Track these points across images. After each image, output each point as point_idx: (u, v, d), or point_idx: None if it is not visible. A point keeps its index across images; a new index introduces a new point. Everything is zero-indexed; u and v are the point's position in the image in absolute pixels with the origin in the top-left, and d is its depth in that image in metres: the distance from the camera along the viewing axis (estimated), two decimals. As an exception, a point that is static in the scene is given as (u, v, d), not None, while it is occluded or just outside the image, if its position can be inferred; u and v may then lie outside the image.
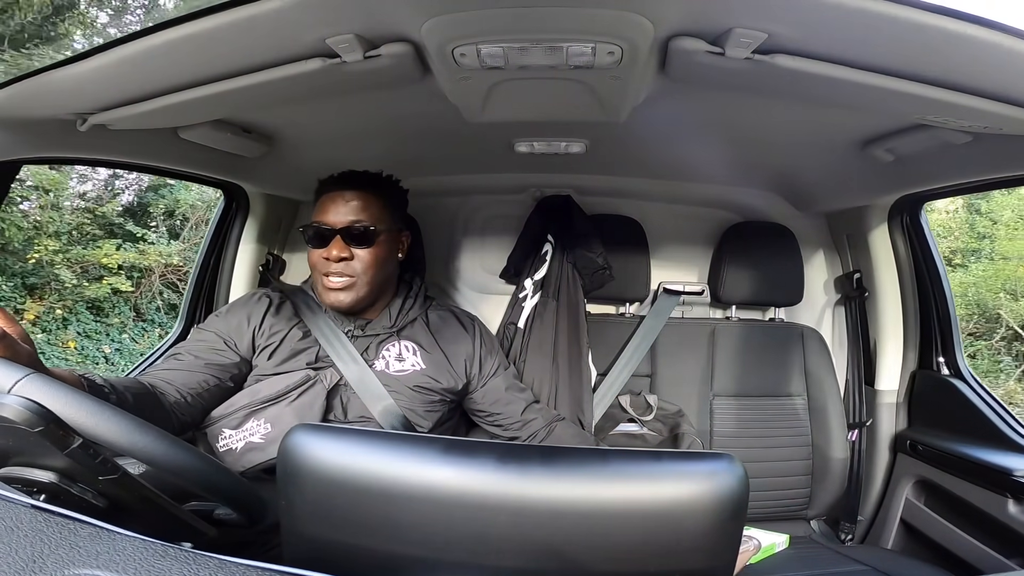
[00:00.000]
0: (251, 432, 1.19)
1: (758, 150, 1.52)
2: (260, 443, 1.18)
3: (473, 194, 1.95)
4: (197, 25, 0.80)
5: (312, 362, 1.30)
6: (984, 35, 0.74)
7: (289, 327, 1.33)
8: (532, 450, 0.68)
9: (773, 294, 1.83)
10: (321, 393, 1.25)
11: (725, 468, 0.57)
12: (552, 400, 1.64)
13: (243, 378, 1.29)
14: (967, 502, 1.46)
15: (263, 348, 1.30)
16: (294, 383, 1.24)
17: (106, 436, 0.67)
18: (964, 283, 6.45)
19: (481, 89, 1.05)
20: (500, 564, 0.56)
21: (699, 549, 0.56)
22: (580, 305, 1.77)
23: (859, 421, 1.79)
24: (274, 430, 1.19)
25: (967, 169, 1.26)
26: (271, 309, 1.35)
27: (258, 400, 1.21)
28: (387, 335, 1.37)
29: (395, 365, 1.34)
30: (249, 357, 1.30)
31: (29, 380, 0.66)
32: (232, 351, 1.28)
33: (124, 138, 1.17)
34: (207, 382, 1.22)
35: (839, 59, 0.85)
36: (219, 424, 1.20)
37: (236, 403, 1.22)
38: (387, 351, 1.35)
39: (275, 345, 1.30)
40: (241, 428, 1.19)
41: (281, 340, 1.31)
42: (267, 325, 1.32)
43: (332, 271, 1.29)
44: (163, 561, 0.52)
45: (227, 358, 1.27)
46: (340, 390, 1.28)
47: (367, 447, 0.59)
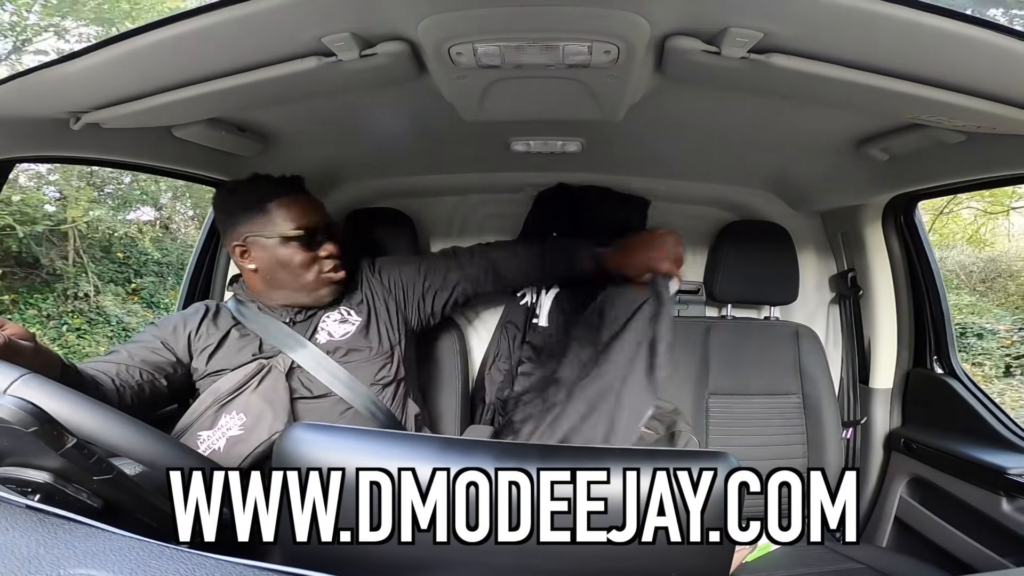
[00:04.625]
0: (228, 427, 1.20)
1: (754, 149, 1.53)
2: (240, 434, 1.19)
3: (469, 193, 1.94)
4: (192, 23, 0.80)
5: (256, 353, 1.32)
6: (979, 35, 0.74)
7: (227, 328, 1.36)
8: (530, 448, 0.69)
9: (768, 292, 1.84)
10: (279, 377, 1.27)
11: (721, 466, 0.57)
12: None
13: (178, 381, 1.32)
14: (961, 500, 1.46)
15: (201, 350, 1.33)
16: (251, 372, 1.26)
17: (102, 436, 0.67)
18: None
19: (477, 88, 1.04)
20: (498, 563, 0.56)
21: (695, 547, 0.56)
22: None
23: (853, 419, 1.80)
24: (249, 418, 1.20)
25: (961, 168, 1.26)
26: (207, 316, 1.38)
27: (223, 394, 1.23)
28: (323, 308, 1.41)
29: (339, 329, 1.38)
30: (187, 360, 1.33)
31: (24, 381, 0.67)
32: (167, 351, 1.31)
33: (118, 137, 1.17)
34: (141, 375, 1.24)
35: (835, 58, 0.86)
36: (192, 429, 1.21)
37: (202, 405, 1.24)
38: (324, 322, 1.39)
39: (214, 345, 1.33)
40: (216, 426, 1.20)
41: (220, 340, 1.34)
42: (203, 329, 1.36)
43: (328, 265, 1.35)
44: (159, 561, 0.52)
45: (162, 356, 1.30)
46: (296, 371, 1.30)
47: (365, 446, 0.59)
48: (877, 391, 1.78)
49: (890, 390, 1.77)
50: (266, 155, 1.46)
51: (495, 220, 1.95)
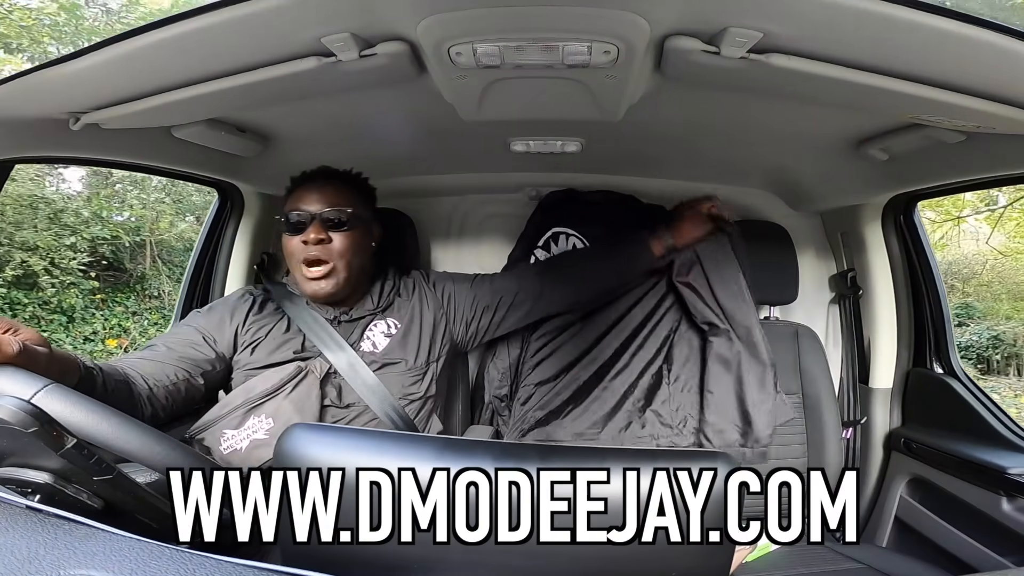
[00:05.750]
0: (254, 429, 1.19)
1: (753, 149, 1.53)
2: (265, 439, 1.18)
3: (469, 193, 1.95)
4: (191, 23, 0.80)
5: (299, 351, 1.31)
6: (978, 34, 0.74)
7: (274, 321, 1.35)
8: (530, 448, 0.69)
9: (768, 293, 1.84)
10: (315, 383, 1.26)
11: (721, 466, 0.57)
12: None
13: (216, 377, 1.30)
14: (961, 500, 1.46)
15: (247, 345, 1.32)
16: (287, 376, 1.24)
17: (127, 448, 0.68)
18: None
19: (477, 88, 1.04)
20: (498, 563, 0.56)
21: (695, 547, 0.56)
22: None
23: (853, 419, 1.80)
24: (276, 424, 1.19)
25: (960, 168, 1.26)
26: (254, 307, 1.37)
27: (255, 396, 1.22)
28: (371, 316, 1.39)
29: (382, 342, 1.37)
30: (228, 355, 1.31)
31: (47, 392, 0.69)
32: (209, 347, 1.29)
33: (117, 137, 1.17)
34: (176, 375, 1.22)
35: (834, 58, 0.86)
36: (218, 426, 1.20)
37: (232, 402, 1.22)
38: (371, 331, 1.37)
39: (260, 340, 1.32)
40: (243, 427, 1.19)
41: (266, 334, 1.33)
42: (251, 321, 1.34)
43: (311, 257, 1.31)
44: (158, 561, 0.52)
45: (202, 353, 1.28)
46: (331, 378, 1.30)
47: (364, 446, 0.59)
48: (877, 391, 1.78)
49: (890, 390, 1.77)
50: (266, 155, 1.46)
51: (495, 220, 1.95)
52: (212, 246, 1.79)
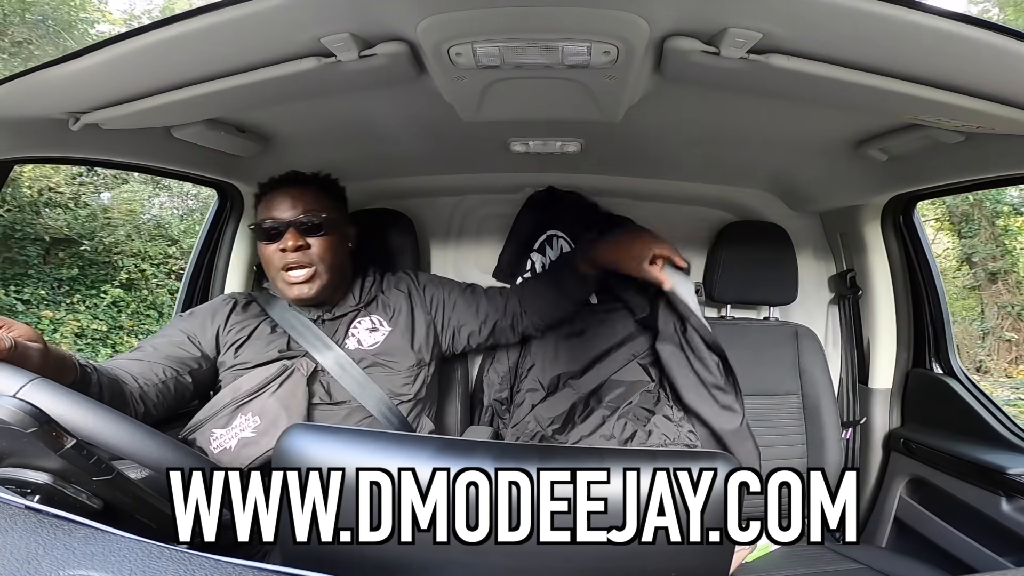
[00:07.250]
0: (241, 428, 1.20)
1: (753, 150, 1.53)
2: (252, 437, 1.19)
3: (468, 193, 1.94)
4: (191, 24, 0.80)
5: (284, 350, 1.32)
6: (977, 35, 0.74)
7: (257, 322, 1.36)
8: (530, 448, 0.68)
9: (767, 293, 1.84)
10: (300, 381, 1.26)
11: (721, 466, 0.57)
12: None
13: (203, 376, 1.32)
14: (961, 500, 1.46)
15: (230, 345, 1.33)
16: (272, 374, 1.25)
17: (112, 442, 0.68)
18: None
19: (477, 88, 1.04)
20: (498, 563, 0.56)
21: (695, 547, 0.56)
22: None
23: (853, 419, 1.80)
24: (263, 422, 1.20)
25: (959, 169, 1.27)
26: (236, 308, 1.39)
27: (241, 395, 1.23)
28: (354, 311, 1.40)
29: (368, 338, 1.38)
30: (213, 355, 1.33)
31: (32, 386, 0.68)
32: (194, 346, 1.31)
33: (117, 137, 1.17)
34: (165, 372, 1.23)
35: (834, 59, 0.86)
36: (207, 426, 1.21)
37: (220, 402, 1.23)
38: (355, 328, 1.38)
39: (243, 339, 1.33)
40: (231, 426, 1.20)
41: (249, 334, 1.34)
42: (232, 323, 1.36)
43: (290, 263, 1.32)
44: (158, 562, 0.52)
45: (188, 352, 1.29)
46: (319, 375, 1.30)
47: (365, 446, 0.59)
48: (876, 391, 1.78)
49: (889, 390, 1.77)
50: (265, 155, 1.46)
51: (494, 220, 1.95)
52: (212, 246, 1.79)
